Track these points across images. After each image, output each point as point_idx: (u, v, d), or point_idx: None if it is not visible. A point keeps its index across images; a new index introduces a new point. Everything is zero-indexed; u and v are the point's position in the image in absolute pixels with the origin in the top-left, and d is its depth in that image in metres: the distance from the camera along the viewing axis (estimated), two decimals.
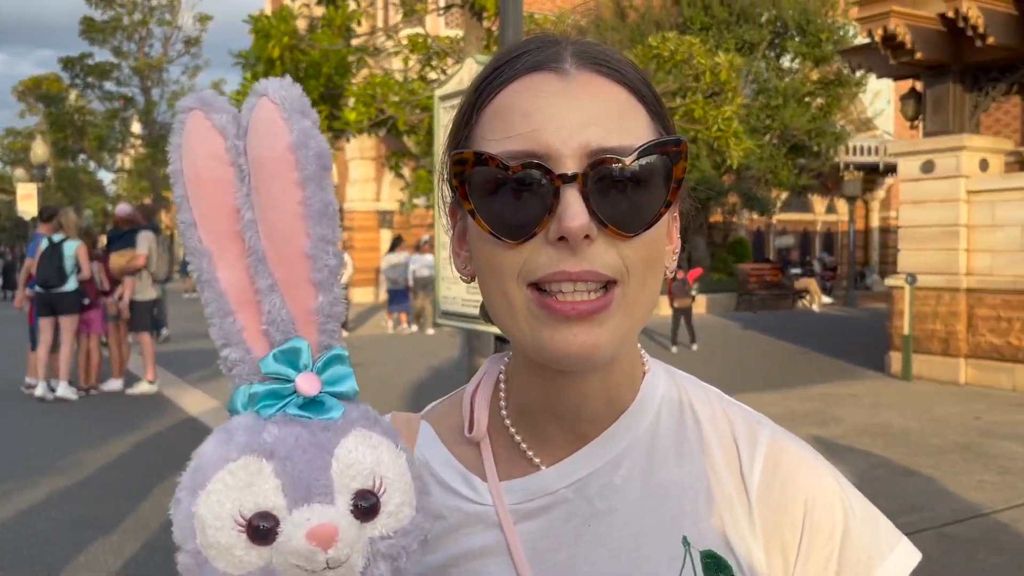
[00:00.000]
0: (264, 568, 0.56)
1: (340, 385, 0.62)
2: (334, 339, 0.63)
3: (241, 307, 0.62)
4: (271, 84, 0.61)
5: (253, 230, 0.61)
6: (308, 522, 0.55)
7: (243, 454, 0.58)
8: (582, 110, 0.67)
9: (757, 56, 19.39)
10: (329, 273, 0.62)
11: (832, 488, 0.77)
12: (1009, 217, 9.86)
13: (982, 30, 9.31)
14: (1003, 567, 4.53)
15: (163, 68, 19.48)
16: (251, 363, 0.61)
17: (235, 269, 0.62)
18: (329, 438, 0.59)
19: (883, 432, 7.54)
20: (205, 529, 0.57)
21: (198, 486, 0.58)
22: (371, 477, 0.59)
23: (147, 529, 5.20)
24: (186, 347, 13.96)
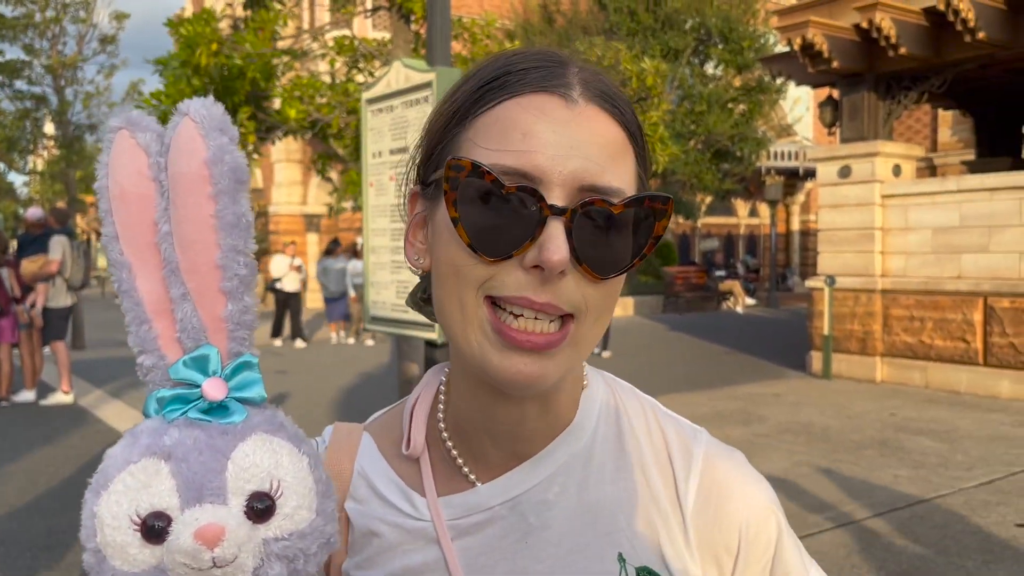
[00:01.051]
0: (156, 567, 0.58)
1: (248, 391, 0.64)
2: (244, 346, 0.65)
3: (157, 315, 0.64)
4: (193, 104, 0.63)
5: (168, 242, 0.63)
6: (196, 521, 0.57)
7: (144, 456, 0.60)
8: (581, 143, 0.67)
9: (682, 62, 19.77)
10: (239, 282, 0.64)
11: (765, 503, 0.79)
12: (920, 220, 10.26)
13: (894, 40, 9.68)
14: (919, 558, 4.70)
15: (78, 67, 18.78)
16: (164, 369, 0.64)
17: (152, 280, 0.64)
18: (227, 441, 0.61)
19: (805, 430, 7.75)
20: (103, 528, 0.59)
21: (101, 487, 0.60)
22: (267, 480, 0.60)
23: (62, 546, 4.99)
24: (103, 356, 13.50)
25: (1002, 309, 9.45)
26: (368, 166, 4.93)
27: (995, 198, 9.64)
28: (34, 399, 9.46)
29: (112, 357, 13.41)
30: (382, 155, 4.84)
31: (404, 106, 4.58)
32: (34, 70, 18.68)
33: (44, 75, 18.76)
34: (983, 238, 9.69)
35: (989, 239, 9.63)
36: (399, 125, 4.64)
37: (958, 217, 9.91)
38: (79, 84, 18.85)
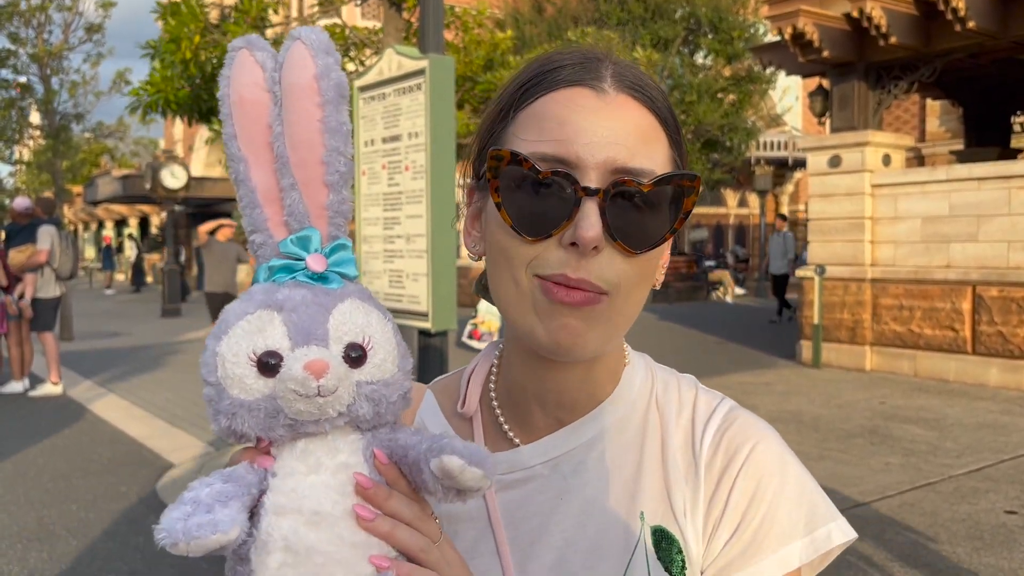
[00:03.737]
0: (269, 395, 0.68)
1: (343, 267, 0.74)
2: (341, 231, 0.75)
3: (267, 202, 0.74)
4: (304, 31, 0.73)
5: (281, 141, 0.73)
6: (306, 356, 0.66)
7: (259, 308, 0.70)
8: (612, 129, 0.74)
9: (672, 52, 19.76)
10: (340, 177, 0.73)
11: (771, 462, 0.82)
12: (910, 210, 10.30)
13: (885, 30, 9.69)
14: (910, 545, 4.73)
15: (63, 56, 18.60)
16: (272, 246, 0.73)
17: (265, 172, 0.74)
18: (329, 300, 0.71)
19: (795, 419, 7.79)
20: (224, 364, 0.69)
21: (221, 332, 0.70)
22: (360, 334, 0.70)
23: (53, 537, 4.97)
24: (92, 347, 13.43)
25: (990, 298, 9.50)
26: (360, 154, 4.90)
27: (983, 187, 9.68)
28: (23, 390, 9.40)
29: (101, 348, 13.35)
30: (374, 143, 4.82)
31: (396, 94, 4.56)
32: (20, 59, 18.49)
33: (30, 64, 18.58)
34: (972, 227, 9.73)
35: (978, 228, 9.68)
36: (391, 113, 4.62)
37: (947, 206, 9.95)
38: (65, 73, 18.67)
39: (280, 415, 0.68)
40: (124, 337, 15.07)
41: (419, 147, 4.39)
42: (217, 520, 0.64)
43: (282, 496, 0.68)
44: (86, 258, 42.62)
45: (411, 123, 4.42)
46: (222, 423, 0.70)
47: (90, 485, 5.98)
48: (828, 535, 0.81)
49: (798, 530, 0.80)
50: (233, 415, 0.69)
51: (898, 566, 4.47)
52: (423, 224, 4.43)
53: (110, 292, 27.49)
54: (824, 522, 0.81)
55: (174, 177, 19.09)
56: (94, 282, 32.54)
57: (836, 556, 0.84)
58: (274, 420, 0.68)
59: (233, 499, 0.66)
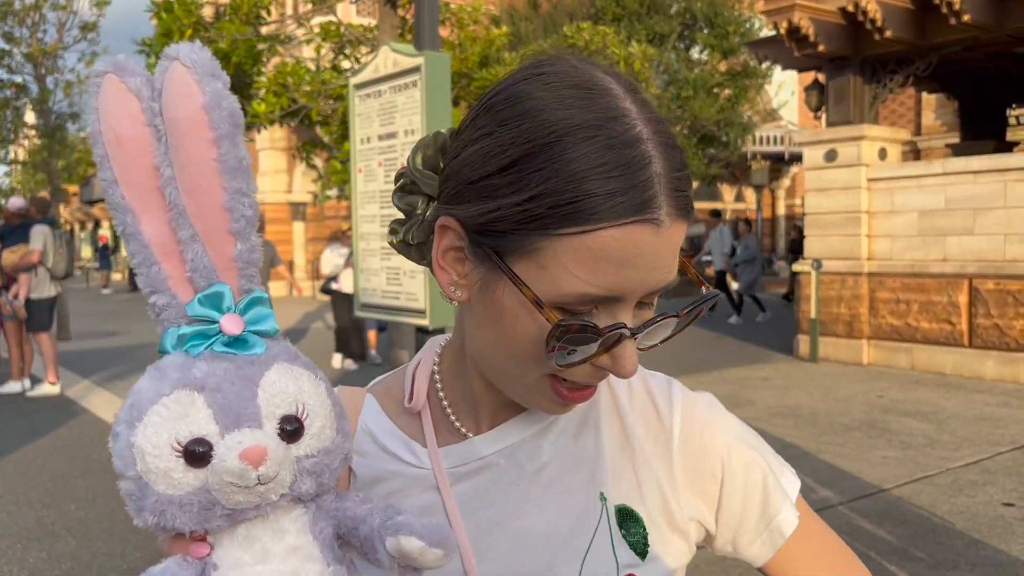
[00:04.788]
0: (201, 488, 0.62)
1: (261, 324, 0.68)
2: (253, 283, 0.69)
3: (165, 257, 0.66)
4: (182, 48, 0.65)
5: (172, 186, 0.66)
6: (240, 444, 0.61)
7: (176, 388, 0.63)
8: (663, 262, 0.71)
9: (667, 47, 19.74)
10: (246, 223, 0.67)
11: (739, 433, 0.88)
12: (906, 203, 10.31)
13: (880, 24, 9.69)
14: (907, 538, 4.75)
15: (58, 55, 18.56)
16: (178, 307, 0.67)
17: (157, 222, 0.66)
18: (254, 371, 0.65)
19: (793, 413, 7.80)
20: (145, 457, 0.62)
21: (135, 419, 0.63)
22: (294, 404, 0.65)
23: (52, 536, 4.97)
24: (89, 347, 13.43)
25: (987, 291, 9.52)
26: (356, 152, 4.90)
27: (979, 181, 9.69)
28: (22, 390, 9.39)
29: (98, 348, 13.34)
30: (370, 141, 4.82)
31: (392, 91, 4.56)
32: (14, 58, 18.46)
33: (24, 63, 18.54)
34: (968, 221, 9.75)
35: (974, 221, 9.69)
36: (387, 110, 4.62)
37: (943, 200, 9.97)
38: (60, 72, 18.62)
39: (216, 507, 0.62)
40: (122, 336, 15.06)
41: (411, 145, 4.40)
42: None
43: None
44: (83, 258, 42.54)
45: (407, 120, 4.42)
46: (148, 520, 0.63)
47: (89, 484, 5.98)
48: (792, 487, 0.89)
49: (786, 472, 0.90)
50: (162, 512, 0.63)
51: (896, 559, 4.49)
52: None
53: (107, 292, 27.44)
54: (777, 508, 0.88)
55: None
56: (91, 282, 32.49)
57: None
58: (210, 512, 0.63)
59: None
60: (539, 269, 0.68)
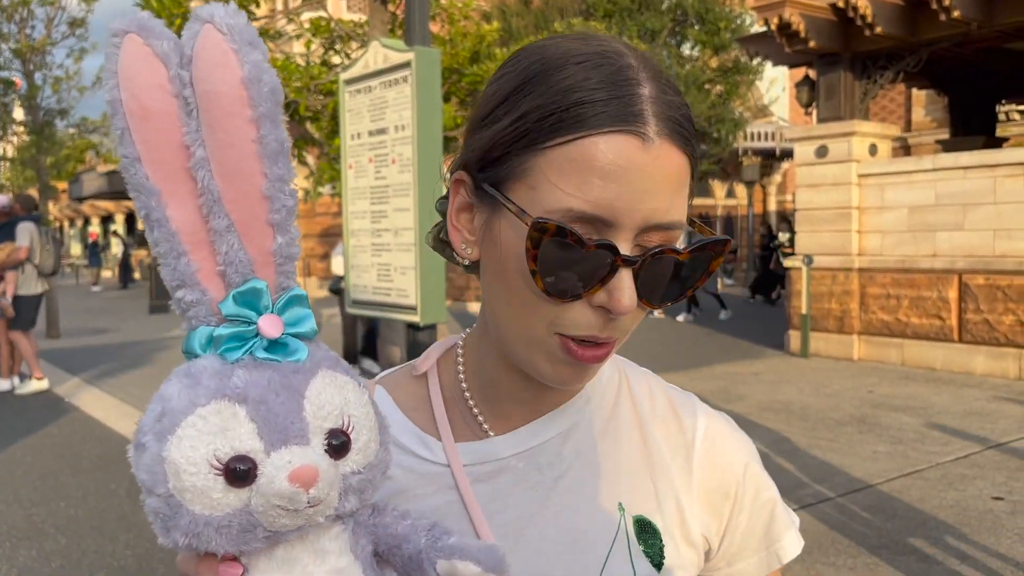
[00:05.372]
0: (242, 509, 0.56)
1: (301, 326, 0.61)
2: (291, 280, 0.62)
3: (195, 247, 0.59)
4: (216, 10, 0.57)
5: (205, 168, 0.58)
6: (290, 464, 0.55)
7: (213, 399, 0.57)
8: (655, 186, 0.68)
9: (659, 43, 19.75)
10: (287, 214, 0.60)
11: (752, 455, 0.89)
12: (896, 199, 10.35)
13: (871, 20, 9.71)
14: (897, 532, 4.77)
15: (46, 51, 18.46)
16: (208, 304, 0.60)
17: (186, 208, 0.59)
18: (300, 380, 0.59)
19: (784, 408, 7.82)
20: (179, 474, 0.56)
21: (166, 431, 0.56)
22: (341, 416, 0.60)
23: (42, 535, 4.94)
24: (79, 344, 13.37)
25: (976, 286, 9.56)
26: (347, 148, 4.88)
27: (969, 176, 9.73)
28: (11, 388, 9.34)
29: (89, 345, 13.28)
30: (361, 137, 4.80)
31: (382, 87, 4.54)
32: (2, 54, 18.33)
33: (12, 59, 18.41)
34: (958, 216, 9.78)
35: (964, 217, 9.73)
36: (378, 106, 4.60)
37: (933, 195, 10.00)
38: (48, 68, 18.50)
39: (258, 529, 0.57)
40: (112, 334, 14.99)
41: (406, 140, 4.38)
42: None
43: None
44: (72, 255, 42.34)
45: (397, 116, 4.40)
46: (179, 541, 0.57)
47: (79, 482, 5.96)
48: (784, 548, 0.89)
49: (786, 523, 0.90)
50: (196, 535, 0.57)
51: (886, 553, 4.50)
52: (411, 217, 4.42)
53: (97, 289, 27.34)
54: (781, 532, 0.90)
55: None
56: (80, 279, 32.35)
57: None
58: (250, 535, 0.57)
59: None
60: (529, 191, 0.69)
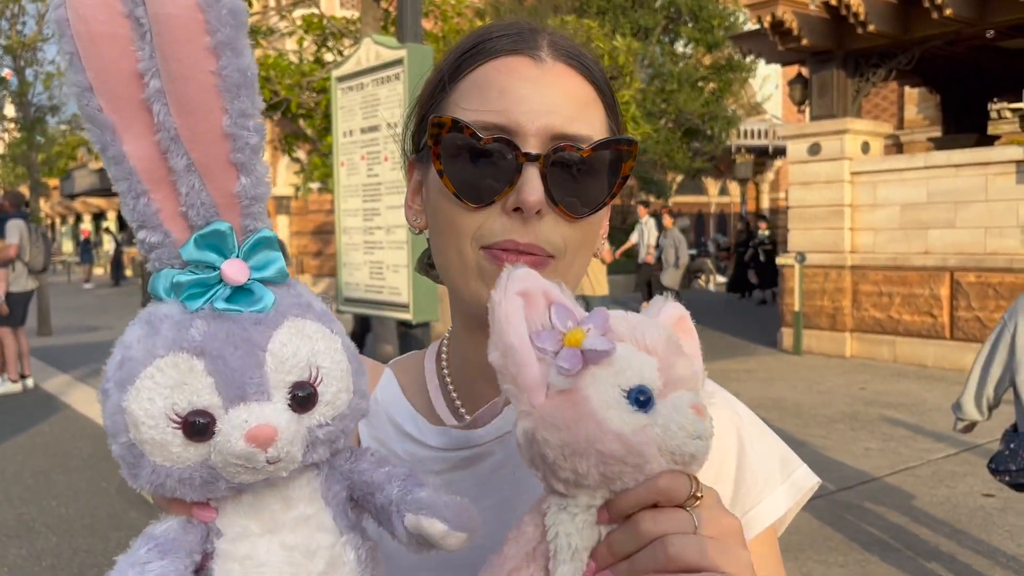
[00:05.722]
0: (203, 463, 0.55)
1: (268, 270, 0.58)
2: (260, 221, 0.59)
3: (155, 186, 0.56)
4: None
5: (161, 102, 0.54)
6: (246, 424, 0.53)
7: (171, 351, 0.55)
8: (551, 96, 0.74)
9: (652, 41, 19.75)
10: (251, 152, 0.56)
11: (729, 417, 0.84)
12: (889, 197, 10.37)
13: (863, 18, 9.73)
14: (890, 528, 4.78)
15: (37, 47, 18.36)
16: (171, 247, 0.57)
17: (144, 143, 0.55)
18: (261, 332, 0.56)
19: (777, 405, 7.84)
20: (138, 426, 0.54)
21: (126, 380, 0.55)
22: (307, 368, 0.57)
23: (32, 534, 4.92)
24: (70, 342, 13.31)
25: (968, 284, 9.59)
26: (339, 145, 4.87)
27: (961, 174, 9.76)
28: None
29: (80, 343, 13.22)
30: (353, 134, 4.78)
31: (375, 84, 4.53)
32: None
33: (3, 56, 18.32)
34: (949, 214, 9.81)
35: (955, 215, 9.76)
36: (370, 103, 4.58)
37: (925, 193, 10.03)
38: (39, 65, 18.39)
39: (220, 481, 0.56)
40: (104, 331, 14.93)
41: (398, 137, 4.37)
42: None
43: (235, 564, 0.57)
44: (64, 252, 42.15)
45: (390, 113, 4.39)
46: (145, 487, 0.57)
47: (70, 481, 5.93)
48: (804, 476, 0.85)
49: (776, 477, 0.83)
50: (160, 484, 0.56)
51: (878, 548, 4.52)
52: (403, 215, 4.40)
53: (89, 286, 27.22)
54: (796, 465, 0.85)
55: None
56: (72, 276, 32.23)
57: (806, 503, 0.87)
58: (213, 486, 0.56)
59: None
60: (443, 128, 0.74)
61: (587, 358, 0.55)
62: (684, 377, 0.57)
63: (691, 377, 0.58)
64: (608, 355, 0.55)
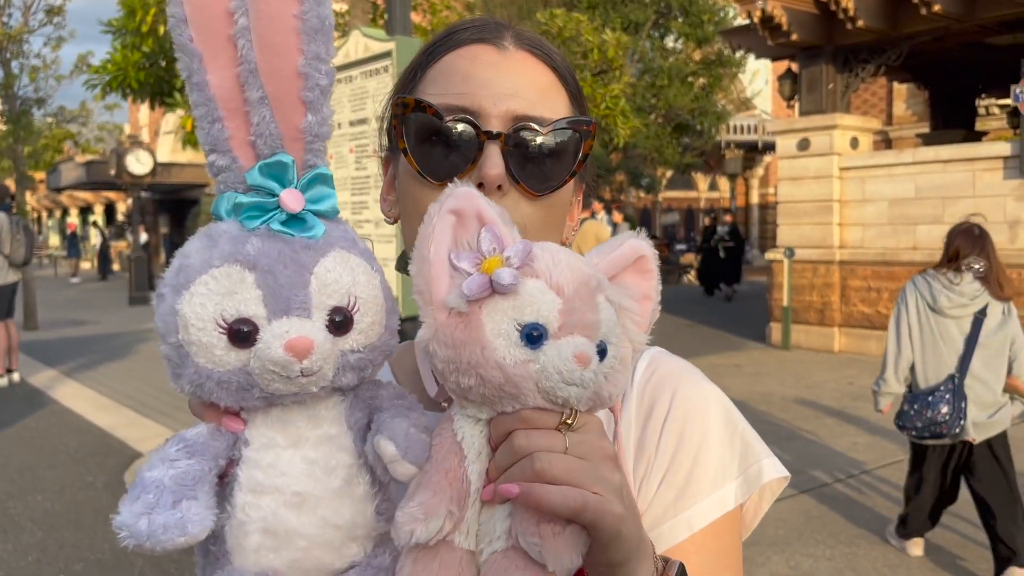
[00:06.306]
0: (242, 369, 0.59)
1: (322, 204, 0.63)
2: (319, 158, 0.64)
3: (229, 114, 0.61)
4: None
5: (246, 38, 0.60)
6: (287, 334, 0.58)
7: (226, 262, 0.60)
8: (513, 81, 0.78)
9: (642, 36, 19.74)
10: (320, 92, 0.62)
11: (699, 403, 0.82)
12: (877, 192, 10.41)
13: (852, 13, 9.74)
14: (876, 520, 4.80)
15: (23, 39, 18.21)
16: (237, 172, 0.62)
17: (225, 74, 0.61)
18: (310, 256, 0.61)
19: (765, 400, 7.86)
20: (188, 327, 0.59)
21: (181, 286, 0.60)
22: (346, 296, 0.62)
23: (18, 528, 4.89)
24: (57, 336, 13.22)
25: None
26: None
27: (948, 170, 9.79)
28: None
29: (67, 337, 13.14)
30: (341, 127, 4.76)
31: (363, 76, 4.50)
32: None
33: None
34: (937, 209, 9.85)
35: (943, 210, 9.80)
36: (358, 96, 4.56)
37: (913, 189, 10.07)
38: (25, 57, 18.24)
39: (254, 388, 0.60)
40: (91, 326, 14.85)
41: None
42: (185, 521, 0.56)
43: (259, 472, 0.61)
44: (50, 246, 41.87)
45: (378, 106, 4.37)
46: (185, 388, 0.62)
47: (57, 476, 5.90)
48: (760, 472, 0.81)
49: (731, 470, 0.80)
50: (200, 385, 0.61)
51: (864, 543, 4.54)
52: None
53: (75, 280, 27.07)
54: (757, 459, 0.82)
55: (140, 163, 18.79)
56: (59, 270, 32.02)
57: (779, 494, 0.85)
58: (247, 393, 0.60)
59: (200, 483, 0.59)
60: None
61: (494, 287, 0.58)
62: (584, 322, 0.59)
63: (595, 323, 0.59)
64: (512, 289, 0.58)
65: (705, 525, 0.78)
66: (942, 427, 3.99)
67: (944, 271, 4.30)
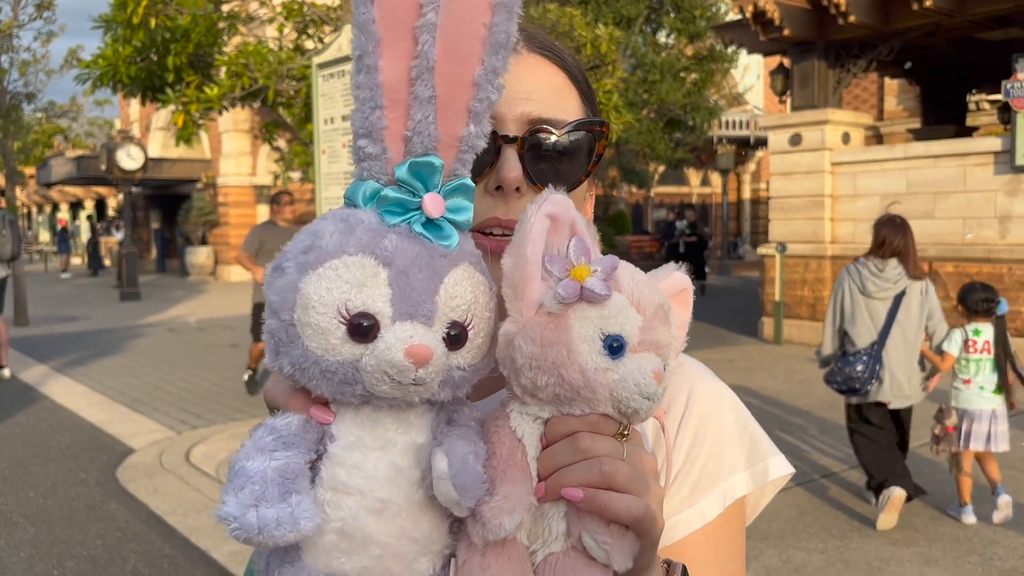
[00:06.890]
0: (352, 363, 0.58)
1: (459, 214, 0.63)
2: (465, 169, 0.64)
3: (392, 104, 0.60)
4: None
5: (430, 33, 0.59)
6: (411, 339, 0.57)
7: (361, 252, 0.58)
8: (527, 84, 0.79)
9: (634, 31, 19.73)
10: (487, 106, 0.62)
11: (714, 401, 0.85)
12: (869, 187, 10.44)
13: (844, 8, 9.76)
14: (869, 514, 4.83)
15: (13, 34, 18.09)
16: (384, 162, 0.61)
17: (399, 64, 0.60)
18: (443, 265, 0.60)
19: (757, 394, 7.89)
20: (308, 308, 0.58)
21: (309, 265, 0.58)
22: (466, 312, 0.61)
23: (10, 525, 4.87)
24: (47, 332, 13.17)
25: (946, 274, 9.68)
26: (320, 133, 4.83)
27: (939, 165, 9.83)
28: None
29: (58, 333, 13.09)
30: (334, 121, 4.75)
31: None
32: None
33: None
34: (928, 204, 9.89)
35: (934, 205, 9.84)
36: (351, 90, 4.55)
37: (905, 184, 10.10)
38: (15, 52, 18.13)
39: (357, 385, 0.58)
40: (82, 321, 14.79)
41: None
42: (297, 516, 0.55)
43: (343, 470, 0.59)
44: (40, 241, 41.66)
45: None
46: (284, 368, 0.60)
47: (48, 471, 5.88)
48: (766, 469, 0.85)
49: (740, 464, 0.84)
50: (303, 369, 0.59)
51: (856, 536, 4.56)
52: None
53: (66, 276, 26.95)
54: (764, 456, 0.85)
55: (131, 158, 18.70)
56: (50, 265, 31.87)
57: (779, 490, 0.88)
58: (348, 388, 0.59)
59: (300, 477, 0.57)
60: None
61: (584, 295, 0.59)
62: (659, 342, 0.62)
63: (665, 345, 0.63)
64: (603, 299, 0.59)
65: (715, 516, 0.81)
66: (855, 382, 4.80)
67: (872, 258, 4.93)
